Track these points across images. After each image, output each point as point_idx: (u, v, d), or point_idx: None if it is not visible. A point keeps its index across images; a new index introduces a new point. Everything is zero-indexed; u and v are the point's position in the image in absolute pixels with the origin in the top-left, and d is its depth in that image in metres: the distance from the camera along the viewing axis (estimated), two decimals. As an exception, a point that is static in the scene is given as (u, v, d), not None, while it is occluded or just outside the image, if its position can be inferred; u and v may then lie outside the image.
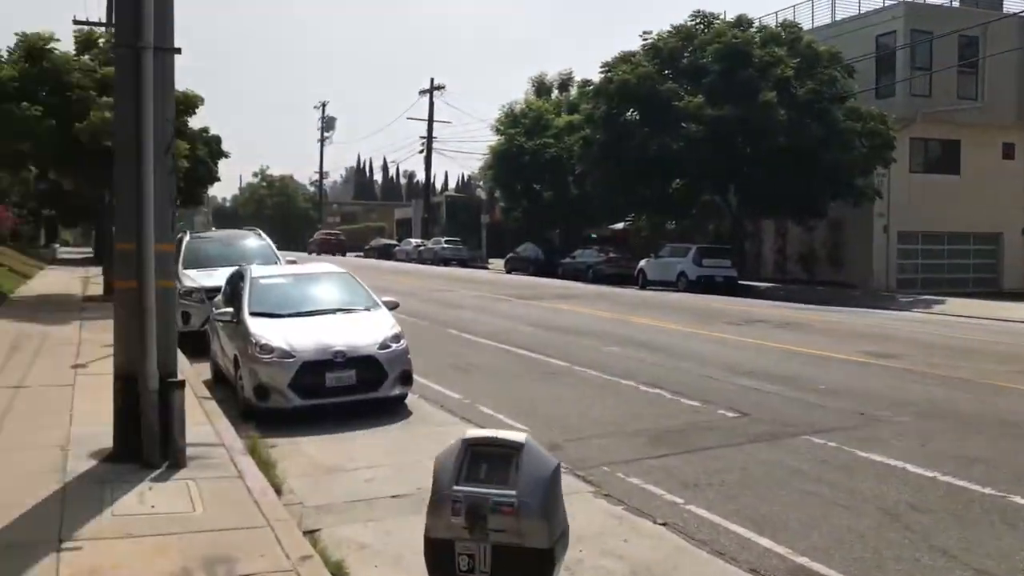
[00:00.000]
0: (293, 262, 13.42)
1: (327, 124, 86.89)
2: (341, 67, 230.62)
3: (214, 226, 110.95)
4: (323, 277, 11.85)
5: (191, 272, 15.75)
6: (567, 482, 5.25)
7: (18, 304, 20.86)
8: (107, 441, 7.26)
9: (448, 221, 68.09)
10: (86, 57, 21.44)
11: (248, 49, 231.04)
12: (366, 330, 10.28)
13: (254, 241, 17.80)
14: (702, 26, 33.16)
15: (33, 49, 20.49)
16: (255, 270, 11.35)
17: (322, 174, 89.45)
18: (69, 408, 9.09)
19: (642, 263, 34.17)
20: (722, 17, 33.37)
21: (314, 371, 9.58)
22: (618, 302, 25.06)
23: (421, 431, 9.36)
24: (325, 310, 10.76)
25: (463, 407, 10.43)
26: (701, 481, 7.41)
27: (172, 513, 5.92)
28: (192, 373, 11.12)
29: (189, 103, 21.65)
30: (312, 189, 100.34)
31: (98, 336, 14.85)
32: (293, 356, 9.61)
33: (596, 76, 35.31)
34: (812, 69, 30.82)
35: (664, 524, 6.39)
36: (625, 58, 33.41)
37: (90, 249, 67.29)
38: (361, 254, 62.95)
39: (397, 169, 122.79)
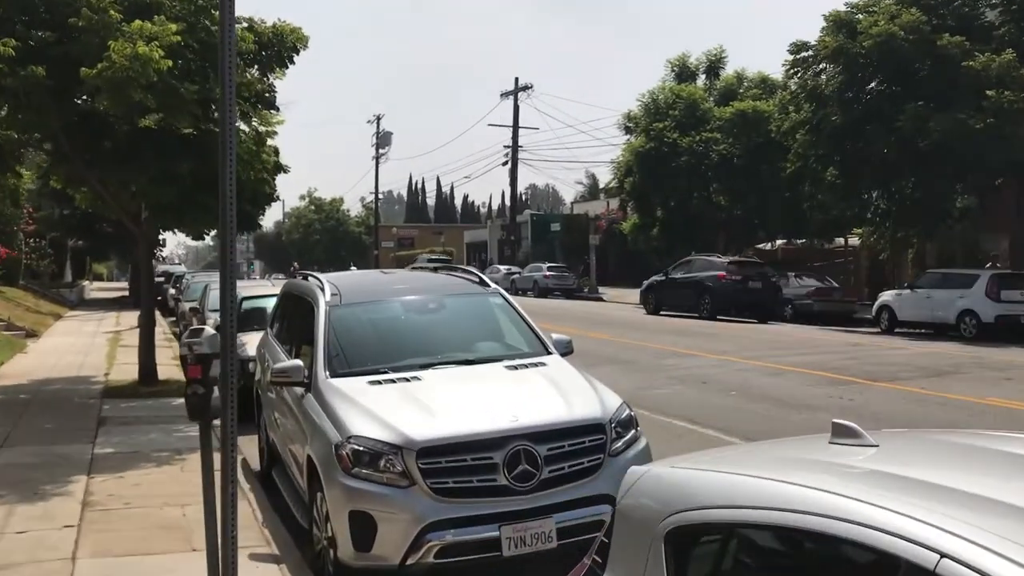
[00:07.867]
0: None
1: (382, 140, 77.60)
2: (385, 84, 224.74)
3: (255, 258, 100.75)
4: None
5: (358, 386, 6.06)
6: None
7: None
8: None
9: (535, 244, 58.94)
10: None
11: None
12: None
13: (477, 296, 7.57)
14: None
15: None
16: None
17: (378, 195, 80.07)
18: None
19: (887, 297, 24.03)
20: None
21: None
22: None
23: None
24: None
25: None
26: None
27: None
28: None
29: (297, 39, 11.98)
30: (356, 213, 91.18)
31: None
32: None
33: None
34: None
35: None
36: (865, 6, 23.55)
37: (126, 285, 57.71)
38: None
39: (452, 189, 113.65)
